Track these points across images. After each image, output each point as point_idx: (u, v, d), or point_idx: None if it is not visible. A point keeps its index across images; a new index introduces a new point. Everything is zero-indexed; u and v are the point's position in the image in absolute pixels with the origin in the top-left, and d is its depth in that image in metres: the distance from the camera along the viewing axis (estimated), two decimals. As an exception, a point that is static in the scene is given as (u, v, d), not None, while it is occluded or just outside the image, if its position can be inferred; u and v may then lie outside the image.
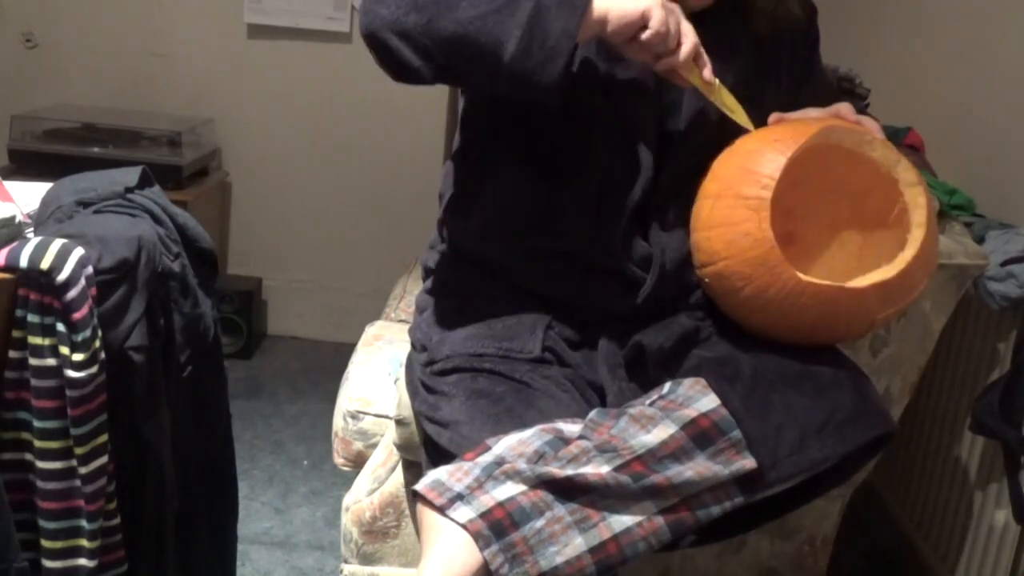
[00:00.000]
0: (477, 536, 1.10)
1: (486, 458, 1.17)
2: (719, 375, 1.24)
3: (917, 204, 1.28)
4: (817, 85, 1.50)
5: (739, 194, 1.25)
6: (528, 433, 1.19)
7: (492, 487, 1.14)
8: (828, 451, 1.23)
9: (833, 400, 1.26)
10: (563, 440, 1.18)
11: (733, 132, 1.33)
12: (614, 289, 1.39)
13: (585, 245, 1.37)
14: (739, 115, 1.31)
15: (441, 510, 1.12)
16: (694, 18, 1.34)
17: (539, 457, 1.16)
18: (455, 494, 1.13)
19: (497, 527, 1.11)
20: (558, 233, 1.38)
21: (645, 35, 1.20)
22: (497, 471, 1.15)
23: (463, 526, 1.11)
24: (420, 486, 1.15)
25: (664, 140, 1.37)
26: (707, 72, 1.26)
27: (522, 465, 1.14)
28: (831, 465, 1.25)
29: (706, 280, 1.32)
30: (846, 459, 1.26)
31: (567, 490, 1.14)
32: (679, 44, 1.22)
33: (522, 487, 1.13)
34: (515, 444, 1.17)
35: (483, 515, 1.11)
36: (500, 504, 1.12)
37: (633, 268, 1.38)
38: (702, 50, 1.25)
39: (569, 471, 1.14)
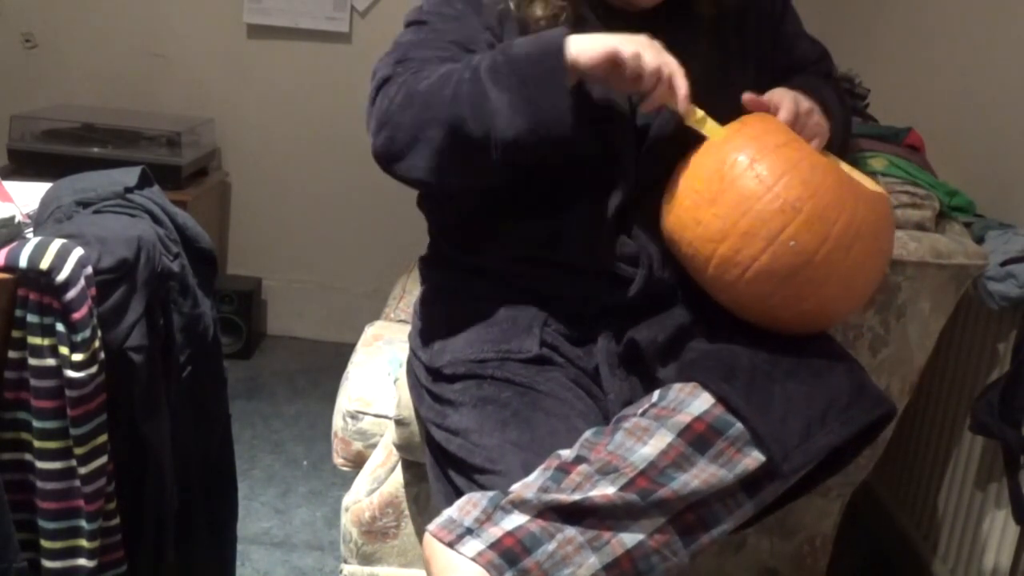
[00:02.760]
0: (489, 566, 1.10)
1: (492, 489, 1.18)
2: (716, 374, 1.23)
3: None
4: (791, 51, 1.51)
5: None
6: (531, 477, 1.18)
7: (500, 518, 1.13)
8: (834, 436, 1.23)
9: (830, 385, 1.25)
10: (564, 471, 1.17)
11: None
12: (606, 287, 1.39)
13: (573, 249, 1.37)
14: (715, 134, 1.31)
15: (450, 546, 1.12)
16: (648, 15, 1.35)
17: (544, 491, 1.15)
18: (464, 529, 1.13)
19: (509, 555, 1.10)
20: (546, 240, 1.38)
21: (626, 75, 1.22)
22: (504, 501, 1.15)
23: (472, 559, 1.10)
24: (432, 526, 1.15)
25: (639, 137, 1.37)
26: (680, 100, 1.26)
27: (529, 495, 1.14)
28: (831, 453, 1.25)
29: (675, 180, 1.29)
30: (846, 445, 1.26)
31: (575, 514, 1.14)
32: (658, 79, 1.23)
33: (530, 515, 1.13)
34: (519, 488, 1.17)
35: (492, 545, 1.11)
36: (509, 533, 1.12)
37: (622, 266, 1.38)
38: (678, 79, 1.24)
39: (576, 496, 1.14)
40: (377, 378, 1.79)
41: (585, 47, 1.22)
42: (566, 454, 1.19)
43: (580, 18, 1.35)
